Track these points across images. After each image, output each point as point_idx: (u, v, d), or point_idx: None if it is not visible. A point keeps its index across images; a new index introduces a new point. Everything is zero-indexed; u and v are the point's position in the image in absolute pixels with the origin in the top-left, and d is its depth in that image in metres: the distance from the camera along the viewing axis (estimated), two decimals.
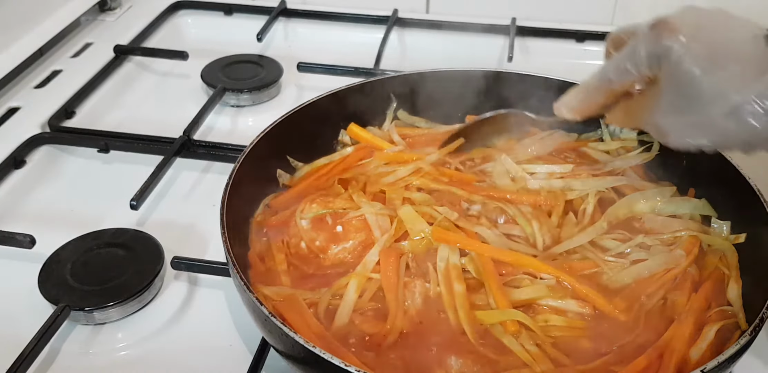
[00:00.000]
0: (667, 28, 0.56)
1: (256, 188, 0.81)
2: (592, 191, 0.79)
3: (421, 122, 0.94)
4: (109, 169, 0.98)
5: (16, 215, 0.90)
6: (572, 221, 0.77)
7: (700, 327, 0.65)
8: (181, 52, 1.15)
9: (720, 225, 0.76)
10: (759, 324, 0.59)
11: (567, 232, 0.76)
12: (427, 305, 0.68)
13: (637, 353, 0.63)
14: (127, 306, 0.74)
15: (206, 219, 0.87)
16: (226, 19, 1.34)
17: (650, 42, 0.57)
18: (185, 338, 0.74)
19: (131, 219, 0.88)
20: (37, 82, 1.12)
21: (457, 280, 0.69)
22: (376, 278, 0.69)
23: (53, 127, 1.01)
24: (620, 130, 0.89)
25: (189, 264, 0.77)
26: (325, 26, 1.31)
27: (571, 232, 0.75)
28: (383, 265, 0.70)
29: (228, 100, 1.10)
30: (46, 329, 0.69)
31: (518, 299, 0.68)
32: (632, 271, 0.71)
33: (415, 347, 0.64)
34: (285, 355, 0.63)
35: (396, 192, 0.78)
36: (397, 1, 1.31)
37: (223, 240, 0.66)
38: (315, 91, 0.88)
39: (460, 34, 1.25)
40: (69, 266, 0.77)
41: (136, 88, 1.16)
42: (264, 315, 0.59)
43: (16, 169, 0.95)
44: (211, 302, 0.78)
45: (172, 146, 0.95)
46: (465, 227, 0.74)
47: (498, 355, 0.63)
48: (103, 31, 1.27)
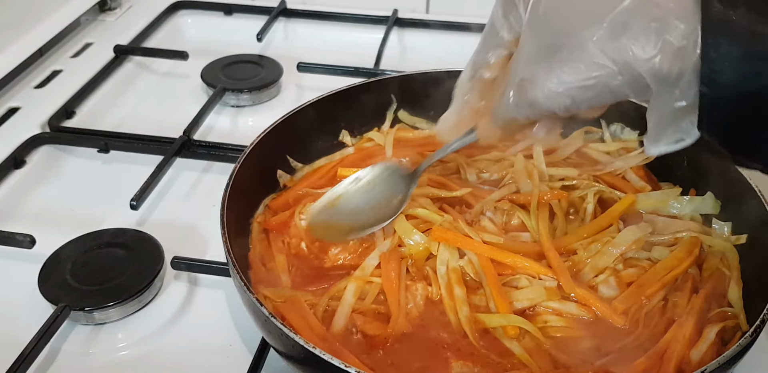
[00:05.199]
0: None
1: (257, 188, 0.81)
2: (592, 191, 0.79)
3: (422, 123, 0.94)
4: (109, 169, 0.98)
5: (16, 215, 0.90)
6: (576, 219, 0.77)
7: (700, 328, 0.65)
8: (181, 52, 1.15)
9: (721, 226, 0.76)
10: (760, 325, 0.59)
11: (572, 229, 0.76)
12: (429, 307, 0.68)
13: (638, 354, 0.63)
14: (127, 306, 0.74)
15: (206, 219, 0.87)
16: (226, 19, 1.34)
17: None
18: (185, 338, 0.74)
19: (131, 219, 0.87)
20: (37, 82, 1.12)
21: (458, 283, 0.69)
22: (377, 282, 0.69)
23: (53, 127, 1.01)
24: (621, 130, 0.89)
25: (189, 264, 0.77)
26: (325, 26, 1.31)
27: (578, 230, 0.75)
28: (384, 268, 0.70)
29: (228, 100, 1.10)
30: (46, 329, 0.69)
31: (517, 301, 0.67)
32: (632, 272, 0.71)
33: (416, 349, 0.64)
34: (285, 355, 0.63)
35: None
36: (397, 1, 1.31)
37: (223, 240, 0.66)
38: (315, 91, 0.88)
39: (460, 34, 1.25)
40: (69, 266, 0.77)
41: (136, 88, 1.16)
42: (264, 316, 0.59)
43: (16, 169, 0.95)
44: (211, 302, 0.78)
45: (172, 146, 0.95)
46: (465, 227, 0.74)
47: (499, 356, 0.63)
48: (103, 31, 1.27)
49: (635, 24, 0.45)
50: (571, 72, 0.47)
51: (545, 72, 0.49)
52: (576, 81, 0.47)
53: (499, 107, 0.55)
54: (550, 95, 0.49)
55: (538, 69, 0.50)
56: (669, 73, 0.44)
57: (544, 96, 0.50)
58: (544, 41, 0.50)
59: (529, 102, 0.51)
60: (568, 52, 0.48)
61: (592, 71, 0.46)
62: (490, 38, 0.57)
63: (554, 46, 0.49)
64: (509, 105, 0.53)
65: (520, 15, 0.53)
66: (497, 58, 0.57)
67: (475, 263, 0.70)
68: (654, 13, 0.44)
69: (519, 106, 0.52)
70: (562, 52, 0.48)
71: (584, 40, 0.46)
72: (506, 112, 0.54)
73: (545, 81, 0.49)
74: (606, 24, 0.45)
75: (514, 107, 0.53)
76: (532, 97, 0.50)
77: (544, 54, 0.50)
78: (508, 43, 0.56)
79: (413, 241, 0.72)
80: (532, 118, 0.53)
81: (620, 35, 0.45)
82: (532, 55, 0.51)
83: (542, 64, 0.50)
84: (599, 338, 0.66)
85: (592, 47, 0.46)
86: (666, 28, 0.44)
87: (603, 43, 0.46)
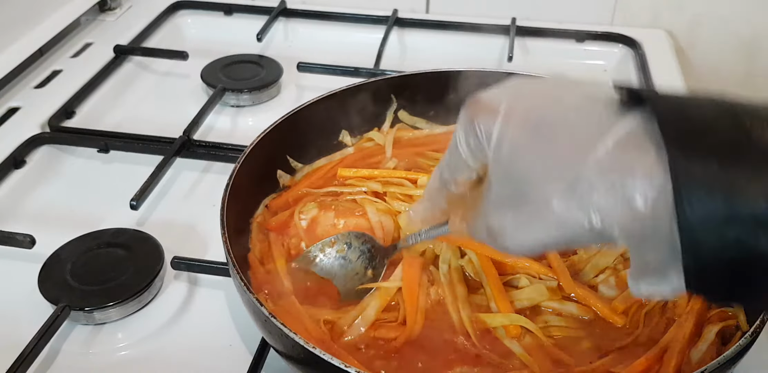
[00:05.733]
0: (479, 108, 0.47)
1: (257, 188, 0.81)
2: None
3: (422, 123, 0.94)
4: (109, 169, 0.98)
5: (16, 215, 0.90)
6: None
7: (700, 328, 0.65)
8: (181, 52, 1.15)
9: None
10: (760, 325, 0.59)
11: None
12: (432, 307, 0.68)
13: (638, 354, 0.63)
14: (127, 306, 0.74)
15: (206, 219, 0.87)
16: (226, 19, 1.34)
17: (466, 127, 0.47)
18: (185, 338, 0.74)
19: (131, 219, 0.87)
20: (37, 82, 1.12)
21: (459, 283, 0.69)
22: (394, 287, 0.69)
23: (53, 127, 1.01)
24: None
25: (189, 264, 0.77)
26: (325, 26, 1.31)
27: None
28: (406, 276, 0.69)
29: (228, 100, 1.10)
30: (46, 329, 0.69)
31: (518, 301, 0.68)
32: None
33: (417, 349, 0.64)
34: (285, 355, 0.63)
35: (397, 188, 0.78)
36: (397, 1, 1.31)
37: (223, 240, 0.66)
38: (315, 91, 0.88)
39: (460, 34, 1.25)
40: (69, 266, 0.76)
41: (136, 88, 1.16)
42: (264, 316, 0.59)
43: (16, 169, 0.95)
44: (211, 302, 0.78)
45: (172, 146, 0.94)
46: None
47: (500, 357, 0.63)
48: (103, 31, 1.27)
49: (599, 183, 0.40)
50: (540, 229, 0.44)
51: (514, 224, 0.46)
52: (545, 237, 0.44)
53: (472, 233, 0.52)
54: (521, 245, 0.46)
55: (506, 218, 0.46)
56: (641, 233, 0.40)
57: (514, 245, 0.47)
58: (508, 188, 0.46)
59: (501, 248, 0.48)
60: (534, 208, 0.44)
61: (561, 229, 0.43)
62: (455, 160, 0.50)
63: (519, 197, 0.45)
64: (484, 240, 0.50)
65: (483, 149, 0.47)
66: (465, 179, 0.52)
67: (475, 262, 0.71)
68: (619, 170, 0.40)
69: (492, 245, 0.49)
70: (529, 206, 0.44)
71: (549, 197, 0.42)
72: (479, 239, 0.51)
73: (515, 232, 0.46)
74: (568, 182, 0.41)
75: (487, 242, 0.50)
76: (504, 245, 0.47)
77: (512, 201, 0.46)
78: (474, 170, 0.50)
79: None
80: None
81: (585, 194, 0.41)
82: (500, 198, 0.47)
83: (510, 213, 0.46)
84: (599, 338, 0.66)
85: (557, 205, 0.42)
86: (633, 188, 0.39)
87: (568, 201, 0.42)
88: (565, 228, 0.42)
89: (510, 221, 0.46)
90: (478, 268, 0.70)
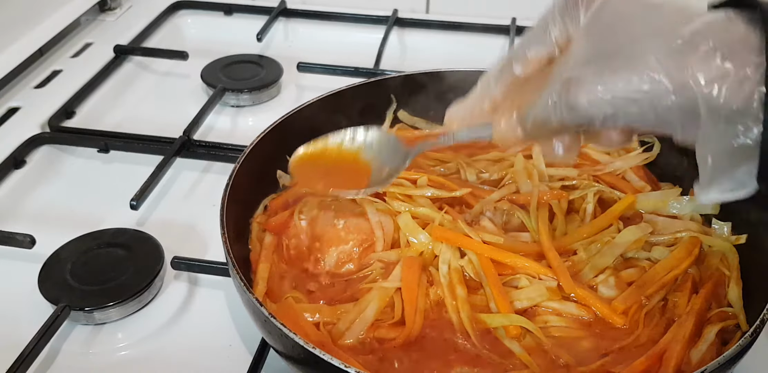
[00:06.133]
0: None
1: (257, 188, 0.81)
2: (592, 191, 0.79)
3: (422, 123, 0.94)
4: (109, 169, 0.98)
5: (16, 215, 0.90)
6: (576, 219, 0.77)
7: (700, 328, 0.65)
8: (181, 52, 1.15)
9: (721, 226, 0.76)
10: (760, 325, 0.59)
11: (572, 229, 0.76)
12: (432, 307, 0.68)
13: (638, 354, 0.63)
14: (127, 306, 0.74)
15: (206, 219, 0.87)
16: (226, 19, 1.34)
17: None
18: (185, 338, 0.74)
19: (131, 219, 0.87)
20: (37, 82, 1.12)
21: (459, 283, 0.69)
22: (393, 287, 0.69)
23: (53, 127, 1.01)
24: None
25: (189, 264, 0.77)
26: (325, 26, 1.31)
27: (578, 230, 0.75)
28: (405, 276, 0.69)
29: (228, 100, 1.10)
30: (46, 329, 0.69)
31: (518, 301, 0.68)
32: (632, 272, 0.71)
33: (418, 349, 0.64)
34: (285, 355, 0.63)
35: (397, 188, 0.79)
36: (397, 1, 1.31)
37: (222, 240, 0.66)
38: (315, 92, 0.88)
39: (460, 34, 1.25)
40: (69, 266, 0.77)
41: (136, 88, 1.16)
42: (264, 316, 0.59)
43: (16, 169, 0.95)
44: (211, 302, 0.78)
45: (172, 146, 0.95)
46: (465, 227, 0.74)
47: (500, 357, 0.63)
48: (103, 31, 1.27)
49: (703, 46, 0.42)
50: (623, 81, 0.45)
51: (595, 75, 0.46)
52: (625, 91, 0.45)
53: (533, 105, 0.52)
54: (594, 100, 0.46)
55: (587, 71, 0.47)
56: (727, 105, 0.41)
57: (587, 100, 0.46)
58: (600, 46, 0.48)
59: (570, 104, 0.47)
60: (623, 61, 0.45)
61: (644, 84, 0.44)
62: (538, 34, 0.53)
63: (610, 52, 0.47)
64: (546, 105, 0.49)
65: (578, 16, 0.50)
66: (537, 56, 0.53)
67: (475, 262, 0.71)
68: (724, 38, 0.42)
69: (557, 108, 0.49)
70: (618, 60, 0.46)
71: (645, 52, 0.44)
72: (541, 112, 0.50)
73: (593, 84, 0.46)
74: (673, 40, 0.43)
75: (551, 108, 0.49)
76: (575, 98, 0.47)
77: (597, 58, 0.47)
78: (553, 43, 0.52)
79: (418, 240, 0.72)
80: (565, 123, 0.49)
81: (685, 54, 0.43)
82: (584, 57, 0.48)
83: (593, 67, 0.47)
84: (599, 338, 0.66)
85: (651, 60, 0.44)
86: (732, 57, 0.41)
87: (664, 58, 0.43)
88: (650, 84, 0.44)
89: (591, 74, 0.47)
90: (478, 268, 0.70)
